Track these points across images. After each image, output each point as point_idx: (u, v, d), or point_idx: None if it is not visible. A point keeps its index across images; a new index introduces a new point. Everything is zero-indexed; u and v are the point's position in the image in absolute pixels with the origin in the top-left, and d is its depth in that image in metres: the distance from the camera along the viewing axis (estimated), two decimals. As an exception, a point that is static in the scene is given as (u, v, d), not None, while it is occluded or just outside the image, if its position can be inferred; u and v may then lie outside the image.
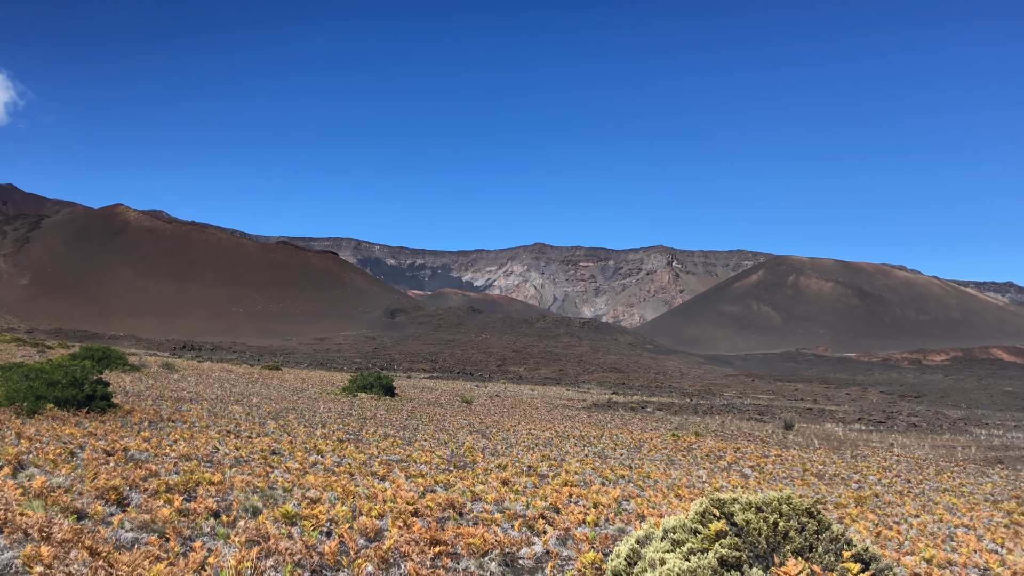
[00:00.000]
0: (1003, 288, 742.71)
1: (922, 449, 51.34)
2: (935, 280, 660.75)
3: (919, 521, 18.31)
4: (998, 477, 36.79)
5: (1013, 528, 18.59)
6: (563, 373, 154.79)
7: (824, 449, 44.01)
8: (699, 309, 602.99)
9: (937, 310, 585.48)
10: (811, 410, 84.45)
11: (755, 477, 25.61)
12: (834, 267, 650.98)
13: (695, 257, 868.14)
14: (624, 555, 7.93)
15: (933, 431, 69.71)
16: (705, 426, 54.14)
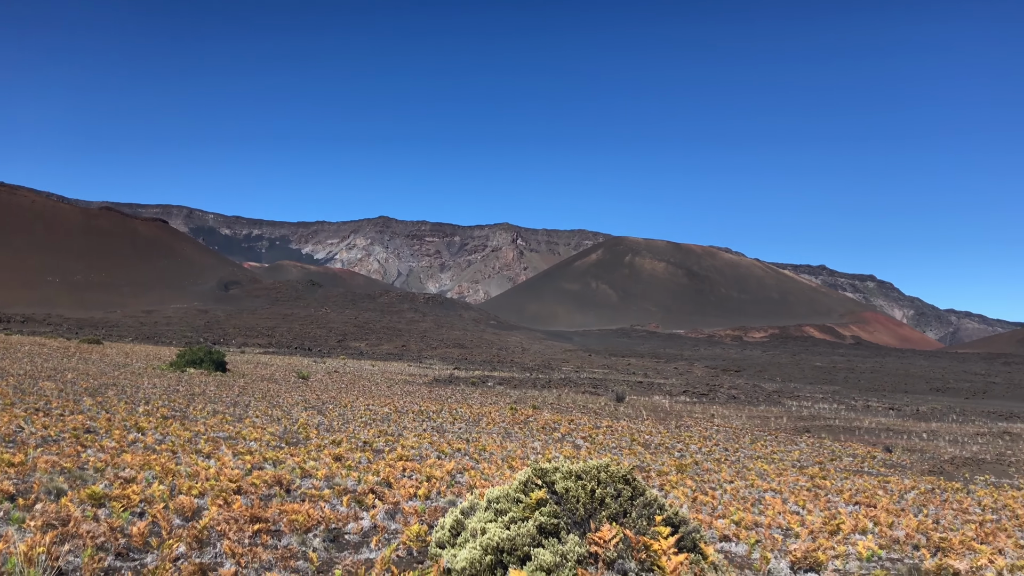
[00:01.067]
0: (816, 271, 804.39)
1: (740, 419, 54.92)
2: (757, 262, 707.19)
3: (733, 487, 19.55)
4: (805, 445, 39.95)
5: (814, 491, 20.23)
6: (406, 349, 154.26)
7: (652, 420, 46.21)
8: (542, 286, 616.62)
9: (758, 290, 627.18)
10: (642, 383, 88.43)
11: (587, 447, 26.51)
12: (667, 248, 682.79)
13: (539, 236, 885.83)
14: (448, 526, 7.96)
15: (751, 403, 74.72)
16: (543, 399, 55.53)
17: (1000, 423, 62.71)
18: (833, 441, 43.91)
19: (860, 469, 30.53)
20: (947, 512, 18.08)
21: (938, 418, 67.00)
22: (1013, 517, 18.08)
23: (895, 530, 13.65)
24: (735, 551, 10.60)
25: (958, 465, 34.89)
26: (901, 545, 12.14)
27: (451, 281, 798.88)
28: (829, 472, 26.93)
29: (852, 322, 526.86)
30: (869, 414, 67.75)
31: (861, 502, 18.09)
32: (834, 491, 20.55)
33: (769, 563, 9.60)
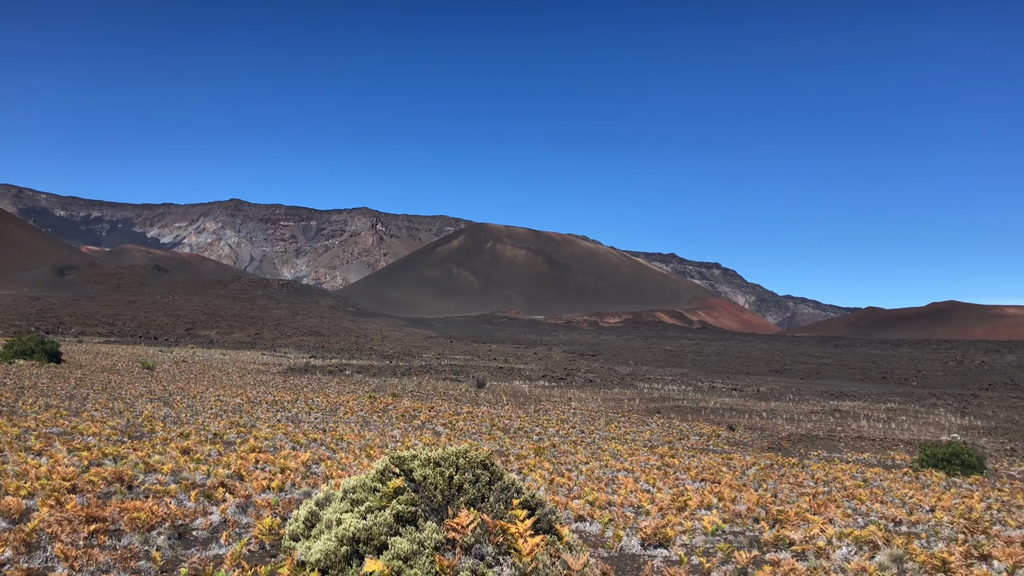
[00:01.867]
0: (667, 259, 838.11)
1: (596, 402, 56.57)
2: (612, 250, 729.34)
3: (588, 467, 20.09)
4: (656, 425, 41.60)
5: (664, 469, 21.08)
6: (259, 337, 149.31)
7: (511, 405, 46.84)
8: (402, 273, 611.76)
9: (613, 277, 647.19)
10: (502, 369, 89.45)
11: (447, 434, 26.53)
12: (527, 236, 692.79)
13: (399, 221, 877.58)
14: (302, 518, 7.74)
15: (606, 386, 77.07)
16: (403, 387, 55.16)
17: (831, 402, 67.53)
18: (681, 421, 45.96)
19: (706, 447, 32.10)
20: (784, 486, 19.27)
21: (777, 398, 71.40)
22: (842, 488, 19.50)
23: (737, 504, 14.41)
24: (589, 530, 10.88)
25: (794, 441, 37.32)
26: (743, 519, 12.83)
27: (307, 267, 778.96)
28: (678, 451, 28.16)
29: (699, 307, 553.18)
30: (714, 395, 71.33)
31: (707, 479, 19.00)
32: (682, 469, 21.49)
33: (621, 540, 9.91)
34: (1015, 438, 46.60)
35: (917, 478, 24.96)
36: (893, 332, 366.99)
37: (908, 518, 14.35)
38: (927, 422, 54.00)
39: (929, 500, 17.91)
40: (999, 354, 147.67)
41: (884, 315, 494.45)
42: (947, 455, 28.06)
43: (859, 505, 16.22)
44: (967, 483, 24.39)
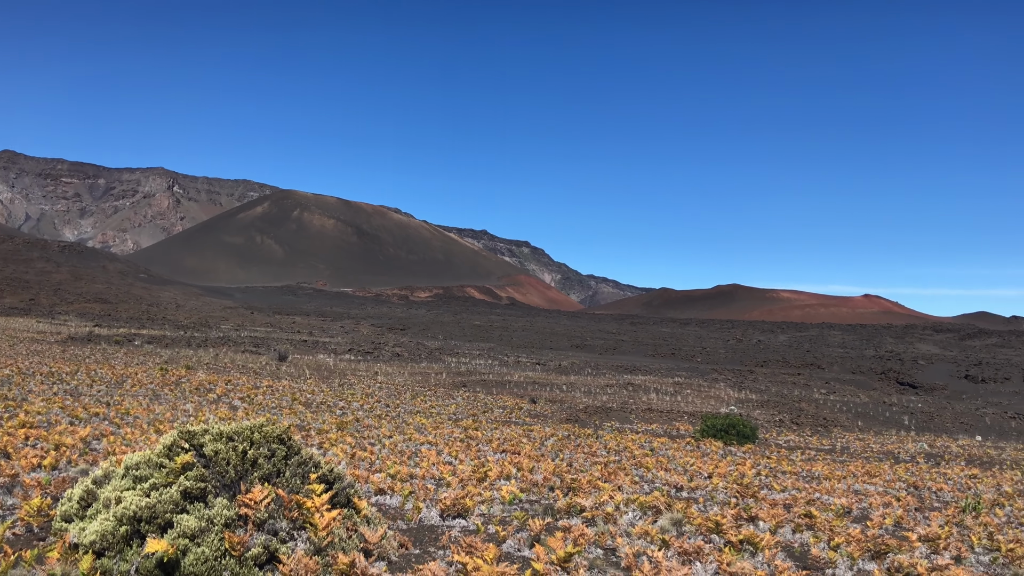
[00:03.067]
0: (479, 235, 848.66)
1: (403, 376, 56.54)
2: (425, 224, 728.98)
3: (391, 441, 20.04)
4: (461, 399, 42.20)
5: (467, 442, 21.42)
6: (35, 303, 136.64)
7: (315, 379, 45.83)
8: (201, 239, 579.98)
9: (424, 251, 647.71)
10: (306, 342, 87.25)
11: (244, 408, 25.53)
12: (337, 205, 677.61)
13: (199, 184, 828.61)
14: (77, 497, 7.15)
15: (414, 360, 77.20)
16: (198, 359, 52.47)
17: (626, 376, 71.45)
18: (486, 394, 46.94)
19: (509, 420, 32.99)
20: (579, 456, 20.17)
21: (577, 372, 74.57)
22: (631, 458, 20.68)
23: (535, 474, 14.90)
24: (390, 503, 10.85)
25: (591, 413, 39.16)
26: (539, 487, 13.29)
27: (93, 228, 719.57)
28: (481, 423, 28.74)
29: (508, 284, 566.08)
30: (519, 369, 73.40)
31: (507, 450, 19.51)
32: (484, 441, 21.95)
33: (421, 512, 9.97)
34: (783, 410, 51.48)
35: (698, 447, 26.97)
36: (683, 312, 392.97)
37: (689, 484, 15.45)
38: (709, 395, 58.41)
39: (708, 467, 19.38)
40: (773, 334, 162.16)
41: (676, 296, 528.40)
42: (725, 426, 30.53)
43: (646, 473, 17.27)
44: (741, 451, 26.65)
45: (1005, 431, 53.80)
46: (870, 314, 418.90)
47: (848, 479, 19.80)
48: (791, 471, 20.81)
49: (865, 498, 16.05)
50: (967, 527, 12.75)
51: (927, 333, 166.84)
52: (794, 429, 43.04)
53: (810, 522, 11.49)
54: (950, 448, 37.85)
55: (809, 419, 48.09)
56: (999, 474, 25.17)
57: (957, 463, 29.28)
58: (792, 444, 33.67)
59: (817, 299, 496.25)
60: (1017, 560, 9.42)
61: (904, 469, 24.26)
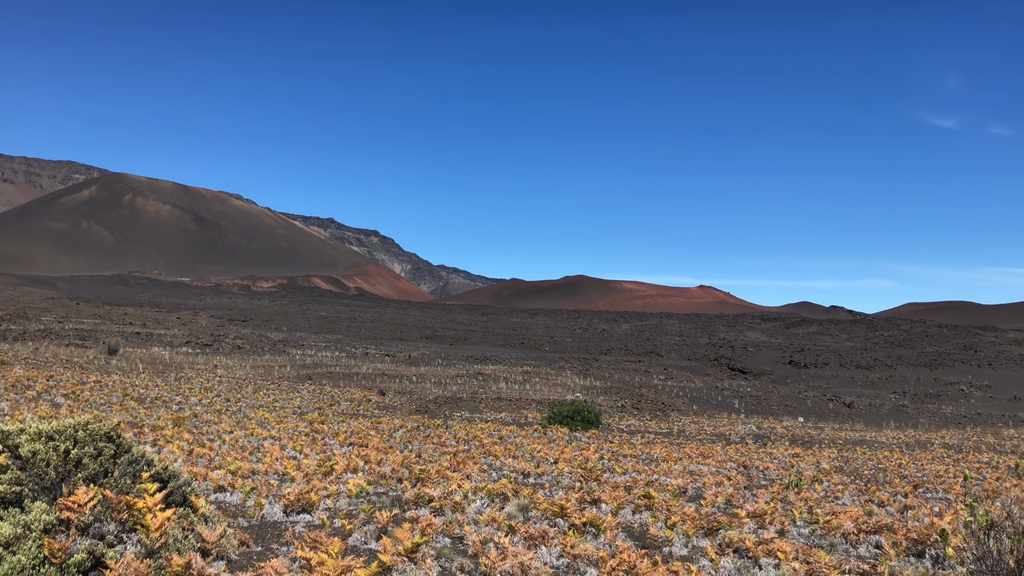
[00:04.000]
0: (326, 223, 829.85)
1: (244, 369, 54.51)
2: (268, 211, 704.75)
3: (232, 437, 19.27)
4: (307, 392, 41.18)
5: (312, 436, 20.92)
6: None
7: (149, 373, 43.40)
8: (18, 223, 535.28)
9: (268, 239, 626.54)
10: (139, 334, 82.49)
11: (68, 405, 23.82)
12: (173, 190, 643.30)
13: (15, 164, 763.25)
14: None
15: (256, 352, 74.59)
16: (15, 353, 48.48)
17: (476, 366, 72.01)
18: (333, 387, 46.02)
19: (357, 412, 32.50)
20: (429, 446, 20.14)
21: (427, 363, 74.43)
22: (480, 446, 20.87)
23: (383, 466, 14.75)
24: (230, 501, 10.43)
25: (440, 404, 39.20)
26: (387, 479, 13.16)
27: None
28: (328, 417, 28.15)
29: (357, 274, 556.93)
30: (368, 361, 72.45)
31: (355, 443, 19.21)
32: (331, 434, 21.52)
33: (263, 509, 9.64)
34: (626, 396, 53.50)
35: (545, 434, 27.57)
36: (533, 302, 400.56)
37: (536, 471, 15.75)
38: (556, 383, 59.85)
39: (554, 453, 19.85)
40: (617, 323, 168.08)
41: (525, 286, 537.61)
42: (571, 413, 31.38)
43: (495, 461, 17.47)
44: (586, 437, 27.47)
45: (824, 412, 58.25)
46: (705, 304, 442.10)
47: (684, 460, 20.81)
48: (632, 454, 21.64)
49: (699, 478, 16.91)
50: (790, 503, 13.69)
51: (756, 322, 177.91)
52: (635, 414, 44.82)
53: (649, 503, 11.99)
54: (776, 429, 40.55)
55: (649, 404, 50.21)
56: (818, 452, 27.20)
57: (782, 443, 31.40)
58: (633, 428, 35.04)
59: (657, 290, 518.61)
60: (832, 530, 10.20)
61: (735, 450, 25.78)
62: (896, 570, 7.97)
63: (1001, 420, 57.74)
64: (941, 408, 65.92)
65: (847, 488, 16.65)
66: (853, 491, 16.22)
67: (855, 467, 22.18)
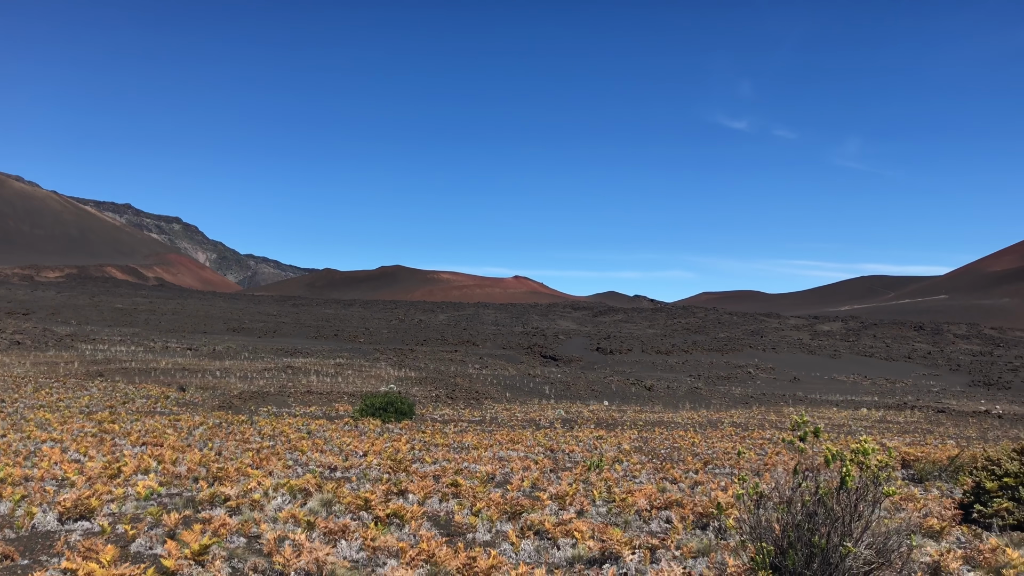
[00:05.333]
0: (121, 209, 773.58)
1: (23, 367, 49.87)
2: (54, 195, 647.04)
3: (5, 441, 17.52)
4: (97, 389, 38.22)
5: (100, 436, 19.39)
6: None
7: (-93, 373, 38.68)
8: None
9: (54, 225, 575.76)
10: (-103, 330, 73.50)
11: None
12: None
13: None
14: None
15: (38, 348, 68.44)
16: None
17: (286, 359, 69.76)
18: (128, 384, 43.07)
19: (153, 410, 30.53)
20: (231, 443, 19.23)
21: (232, 356, 71.24)
22: (287, 442, 20.18)
23: (179, 466, 13.91)
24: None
25: (246, 399, 37.58)
26: (183, 480, 12.42)
27: None
28: (120, 415, 26.24)
29: (157, 263, 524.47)
30: (167, 355, 68.36)
31: (148, 442, 18.01)
32: (122, 434, 20.07)
33: (35, 517, 8.79)
34: (440, 386, 53.74)
35: (356, 426, 27.13)
36: (347, 293, 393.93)
37: (344, 464, 15.43)
38: (370, 375, 59.15)
39: (364, 446, 19.54)
40: (434, 314, 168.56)
41: (340, 276, 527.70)
42: (383, 404, 31.08)
43: (301, 456, 16.95)
44: (399, 428, 27.30)
45: (627, 396, 61.27)
46: (520, 294, 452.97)
47: (495, 447, 21.16)
48: (444, 443, 21.73)
49: (508, 463, 17.23)
50: (592, 483, 14.22)
51: (567, 311, 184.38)
52: (449, 403, 45.11)
53: (456, 491, 12.05)
54: (583, 413, 42.17)
55: (464, 393, 50.72)
56: (620, 434, 28.56)
57: (588, 426, 32.69)
58: (447, 418, 35.25)
59: (474, 280, 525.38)
60: (628, 508, 10.69)
61: (543, 435, 26.53)
62: (682, 542, 8.45)
63: (783, 399, 63.20)
64: (731, 389, 71.20)
65: (645, 467, 17.56)
66: (650, 470, 17.12)
67: (653, 447, 23.46)
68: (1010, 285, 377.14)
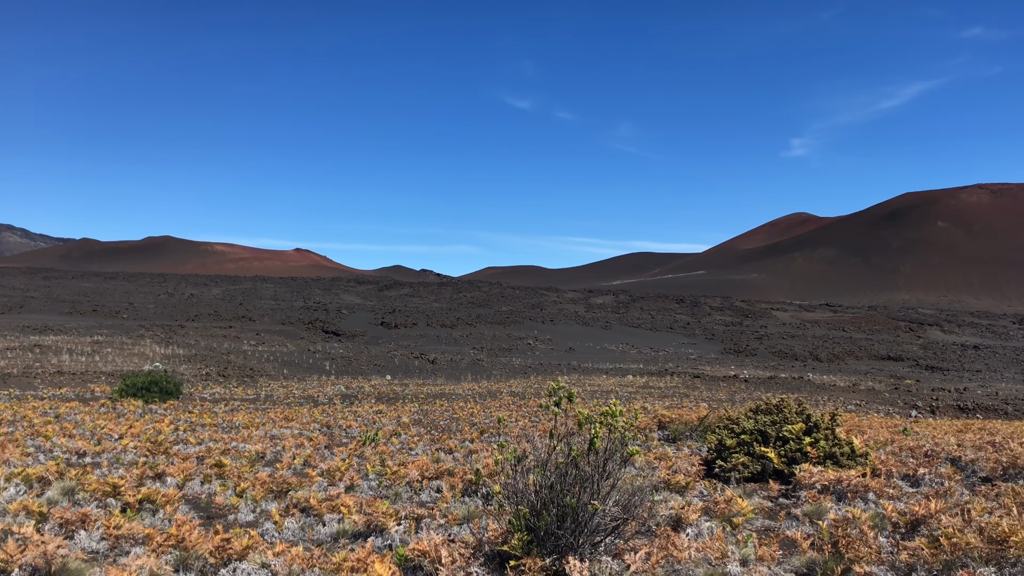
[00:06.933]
0: None
1: None
2: None
3: None
4: None
5: None
6: None
7: None
8: None
9: None
10: None
11: None
12: None
13: None
14: None
15: None
16: None
17: (33, 337, 63.26)
18: None
19: None
20: (-42, 431, 17.14)
21: (-32, 335, 63.60)
22: (30, 427, 18.30)
23: None
24: None
25: (-17, 381, 33.73)
26: None
27: None
28: None
29: None
30: None
31: None
32: None
33: None
34: (211, 364, 51.10)
35: (114, 408, 25.14)
36: (109, 265, 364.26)
37: (95, 448, 14.21)
38: (133, 353, 55.06)
39: (121, 428, 18.14)
40: (207, 287, 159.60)
41: (100, 247, 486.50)
42: (146, 383, 29.02)
43: (44, 442, 15.43)
44: (163, 408, 25.63)
45: (410, 369, 61.46)
46: (301, 267, 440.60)
47: (267, 425, 20.42)
48: (212, 423, 20.68)
49: (280, 441, 16.68)
50: (366, 458, 14.07)
51: (351, 285, 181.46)
52: (221, 381, 43.04)
53: (220, 471, 11.48)
54: (364, 388, 41.80)
55: (237, 371, 48.58)
56: (400, 407, 28.58)
57: (368, 401, 32.45)
58: (218, 396, 33.61)
59: (252, 252, 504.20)
60: (399, 480, 10.66)
61: (321, 411, 25.98)
62: (449, 510, 8.54)
63: (559, 369, 66.17)
64: (512, 360, 73.53)
65: (422, 439, 17.67)
66: (427, 441, 17.25)
67: (432, 419, 23.68)
68: (758, 262, 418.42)
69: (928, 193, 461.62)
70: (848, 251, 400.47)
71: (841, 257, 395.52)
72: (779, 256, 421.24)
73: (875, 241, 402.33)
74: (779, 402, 11.61)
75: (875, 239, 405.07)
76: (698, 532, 7.44)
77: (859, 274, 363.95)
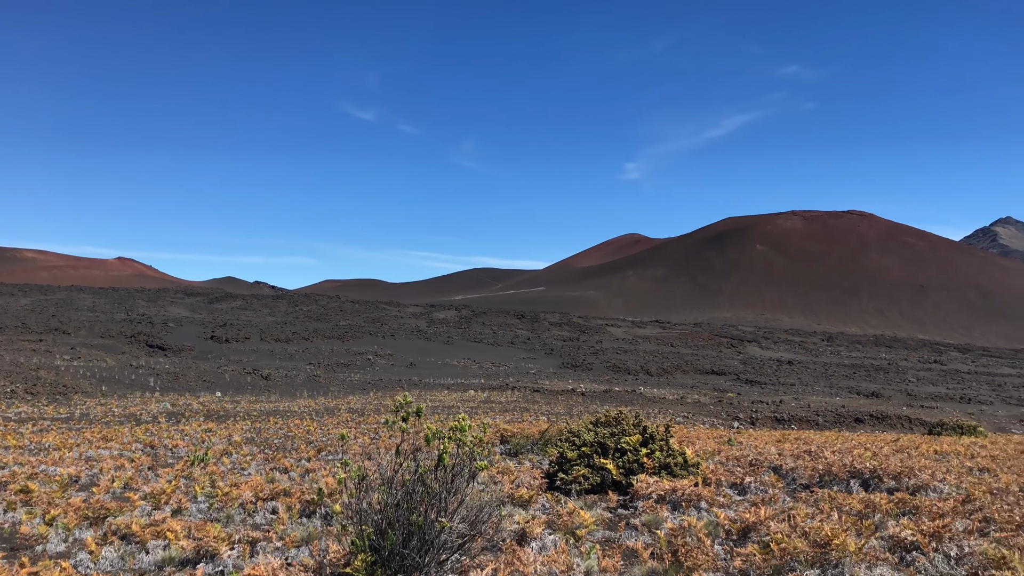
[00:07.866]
0: None
1: None
2: None
3: None
4: None
5: None
6: None
7: None
8: None
9: None
10: None
11: None
12: None
13: None
14: None
15: None
16: None
17: None
18: None
19: None
20: None
21: None
22: None
23: None
24: None
25: None
26: None
27: None
28: None
29: None
30: None
31: None
32: None
33: None
34: (18, 380, 46.90)
35: (-100, 430, 22.50)
36: None
37: None
38: (-75, 369, 49.65)
39: (-93, 452, 16.23)
40: (14, 297, 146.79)
41: None
42: (-61, 402, 26.20)
43: None
44: (-42, 429, 23.19)
45: (242, 386, 58.91)
46: (124, 277, 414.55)
47: (82, 446, 18.91)
48: (17, 445, 18.91)
49: (98, 463, 15.47)
50: (195, 479, 13.27)
51: (179, 296, 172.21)
52: (28, 399, 39.57)
53: (27, 498, 10.48)
54: (192, 405, 39.62)
55: (47, 388, 44.84)
56: (232, 425, 27.25)
57: (197, 419, 30.74)
58: (24, 416, 30.85)
59: (67, 260, 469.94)
60: (232, 502, 10.09)
61: (144, 430, 24.35)
62: (286, 532, 8.15)
63: (399, 384, 65.47)
64: (351, 376, 72.04)
65: (256, 458, 16.89)
66: (261, 460, 16.51)
67: (266, 437, 22.73)
68: (595, 279, 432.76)
69: (748, 218, 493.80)
70: (676, 270, 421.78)
71: (670, 276, 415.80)
72: (613, 274, 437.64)
73: (700, 262, 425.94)
74: (618, 414, 11.95)
75: (700, 260, 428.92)
76: (543, 545, 7.47)
77: (686, 292, 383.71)
